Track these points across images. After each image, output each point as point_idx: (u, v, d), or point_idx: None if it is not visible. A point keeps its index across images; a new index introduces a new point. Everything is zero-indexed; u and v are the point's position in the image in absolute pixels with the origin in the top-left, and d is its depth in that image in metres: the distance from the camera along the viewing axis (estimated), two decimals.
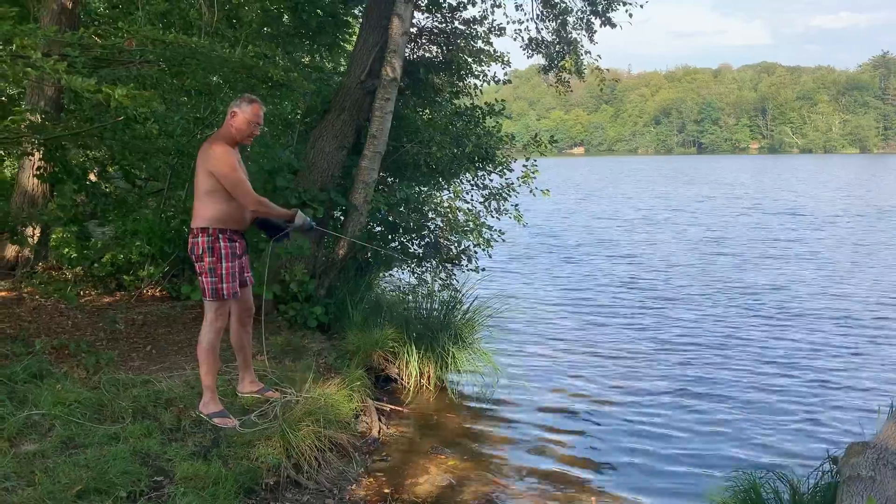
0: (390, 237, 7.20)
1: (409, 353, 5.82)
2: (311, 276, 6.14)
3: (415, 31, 7.27)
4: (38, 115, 5.98)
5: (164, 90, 7.20)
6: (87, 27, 5.02)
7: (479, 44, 7.54)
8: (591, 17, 8.10)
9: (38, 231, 7.04)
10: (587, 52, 8.29)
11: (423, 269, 7.31)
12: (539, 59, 8.53)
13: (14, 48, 3.73)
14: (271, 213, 4.19)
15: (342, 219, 6.67)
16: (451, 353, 5.90)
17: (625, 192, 34.07)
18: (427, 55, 7.54)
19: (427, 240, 7.13)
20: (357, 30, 7.70)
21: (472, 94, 7.86)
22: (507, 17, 9.19)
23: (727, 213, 22.25)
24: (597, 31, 8.16)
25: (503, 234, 7.30)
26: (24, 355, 4.64)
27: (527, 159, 7.37)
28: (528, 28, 8.32)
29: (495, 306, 6.75)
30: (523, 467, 4.60)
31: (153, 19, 6.86)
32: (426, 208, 7.13)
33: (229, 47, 5.99)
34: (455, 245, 7.10)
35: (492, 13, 7.83)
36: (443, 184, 7.49)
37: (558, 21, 8.16)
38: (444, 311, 6.32)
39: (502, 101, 7.63)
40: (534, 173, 7.16)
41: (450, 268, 7.17)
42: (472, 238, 6.92)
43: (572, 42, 8.21)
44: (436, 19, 7.59)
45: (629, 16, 7.96)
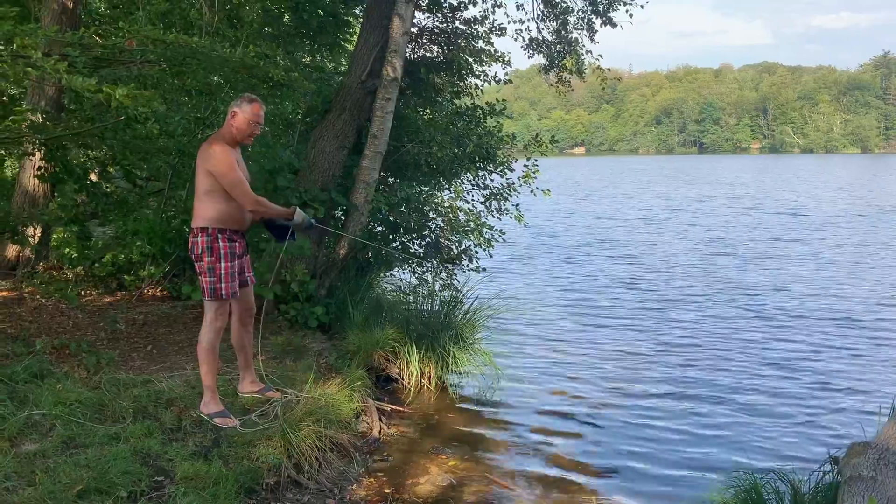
0: (391, 237, 7.20)
1: (409, 353, 5.81)
2: (312, 276, 6.14)
3: (415, 30, 7.27)
4: (39, 115, 5.98)
5: (164, 90, 7.20)
6: (87, 27, 5.04)
7: (480, 44, 7.56)
8: (592, 16, 8.11)
9: (38, 231, 7.05)
10: (588, 51, 8.31)
11: (424, 268, 7.31)
12: (540, 59, 8.54)
13: (15, 48, 3.73)
14: (270, 212, 4.18)
15: (343, 219, 6.68)
16: (451, 354, 5.89)
17: (626, 191, 34.06)
18: (428, 55, 7.54)
19: (428, 240, 7.14)
20: (358, 29, 7.71)
21: (472, 94, 7.87)
22: (507, 16, 9.20)
23: (728, 213, 22.23)
24: (597, 31, 8.18)
25: (504, 234, 7.31)
26: (25, 355, 4.65)
27: (528, 159, 7.37)
28: (528, 28, 8.33)
29: (496, 306, 6.75)
30: (524, 467, 4.59)
31: (154, 19, 6.87)
32: (427, 208, 7.13)
33: (230, 47, 5.99)
34: (456, 245, 7.10)
35: (492, 13, 7.85)
36: (444, 184, 7.49)
37: (559, 21, 8.16)
38: (444, 311, 6.31)
39: (503, 100, 7.63)
40: (534, 173, 7.16)
41: (450, 268, 7.17)
42: (472, 238, 6.92)
43: (573, 42, 8.21)
44: (437, 19, 7.60)
45: (629, 16, 7.98)
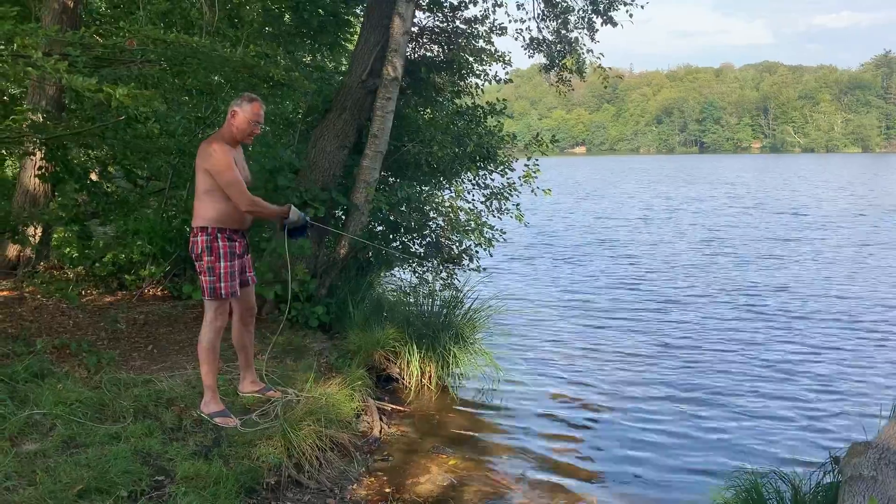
0: (392, 236, 7.20)
1: (410, 353, 5.81)
2: (313, 276, 6.13)
3: (416, 30, 7.27)
4: (40, 115, 5.99)
5: (165, 89, 7.22)
6: (88, 27, 5.03)
7: (481, 43, 7.55)
8: (593, 15, 8.10)
9: (39, 230, 7.06)
10: (589, 50, 8.29)
11: (425, 268, 7.31)
12: (540, 59, 8.53)
13: (15, 47, 3.73)
14: (265, 213, 4.18)
15: (343, 218, 6.68)
16: (452, 353, 5.89)
17: (626, 191, 34.04)
18: (428, 54, 7.54)
19: (428, 239, 7.13)
20: (358, 29, 7.71)
21: (473, 94, 7.87)
22: (508, 15, 9.17)
23: (729, 213, 22.21)
24: (598, 30, 8.17)
25: (504, 233, 7.30)
26: (26, 355, 4.65)
27: (528, 158, 7.36)
28: (529, 28, 8.32)
29: (496, 306, 6.75)
30: (525, 467, 4.59)
31: (154, 19, 6.87)
32: (427, 208, 7.12)
33: (230, 47, 6.00)
34: (456, 244, 7.10)
35: (493, 12, 7.83)
36: (444, 183, 7.49)
37: (559, 20, 8.16)
38: (445, 310, 6.31)
39: (504, 100, 7.62)
40: (535, 173, 7.15)
41: (451, 267, 7.17)
42: (473, 237, 6.91)
43: (573, 41, 8.20)
44: (437, 18, 7.59)
45: (630, 16, 7.96)
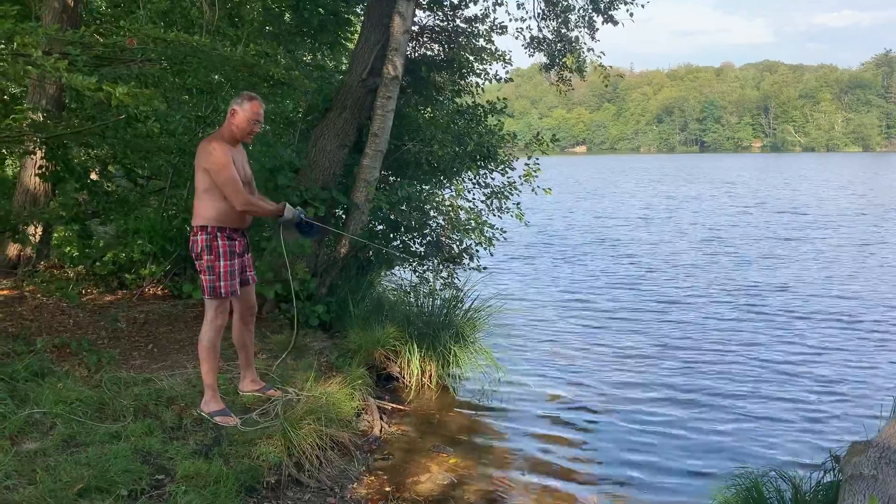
0: (392, 236, 7.20)
1: (410, 352, 5.81)
2: (313, 275, 6.13)
3: (416, 29, 7.26)
4: (40, 114, 5.99)
5: (165, 88, 7.22)
6: (88, 25, 5.02)
7: (481, 42, 7.54)
8: (593, 14, 8.09)
9: (39, 230, 7.06)
10: (590, 49, 8.29)
11: (425, 267, 7.30)
12: (541, 58, 8.53)
13: (15, 46, 3.73)
14: (260, 211, 4.19)
15: (344, 217, 6.67)
16: (452, 352, 5.89)
17: (627, 190, 34.02)
18: (429, 53, 7.54)
19: (429, 238, 7.13)
20: (358, 28, 7.71)
21: (473, 93, 7.86)
22: (508, 14, 9.12)
23: (730, 212, 22.20)
24: (598, 29, 8.16)
25: (505, 232, 7.29)
26: (26, 354, 4.65)
27: (529, 158, 7.36)
28: (529, 27, 8.31)
29: (497, 305, 6.74)
30: (525, 466, 4.59)
31: (154, 18, 6.86)
32: (428, 207, 7.12)
33: (231, 46, 5.99)
34: (457, 244, 7.09)
35: (493, 11, 7.83)
36: (444, 182, 7.49)
37: (560, 19, 8.15)
38: (445, 309, 6.31)
39: (504, 99, 7.61)
40: (536, 172, 7.15)
41: (451, 266, 7.16)
42: (473, 237, 6.91)
43: (574, 40, 8.20)
44: (437, 17, 7.59)
45: (630, 15, 7.96)
